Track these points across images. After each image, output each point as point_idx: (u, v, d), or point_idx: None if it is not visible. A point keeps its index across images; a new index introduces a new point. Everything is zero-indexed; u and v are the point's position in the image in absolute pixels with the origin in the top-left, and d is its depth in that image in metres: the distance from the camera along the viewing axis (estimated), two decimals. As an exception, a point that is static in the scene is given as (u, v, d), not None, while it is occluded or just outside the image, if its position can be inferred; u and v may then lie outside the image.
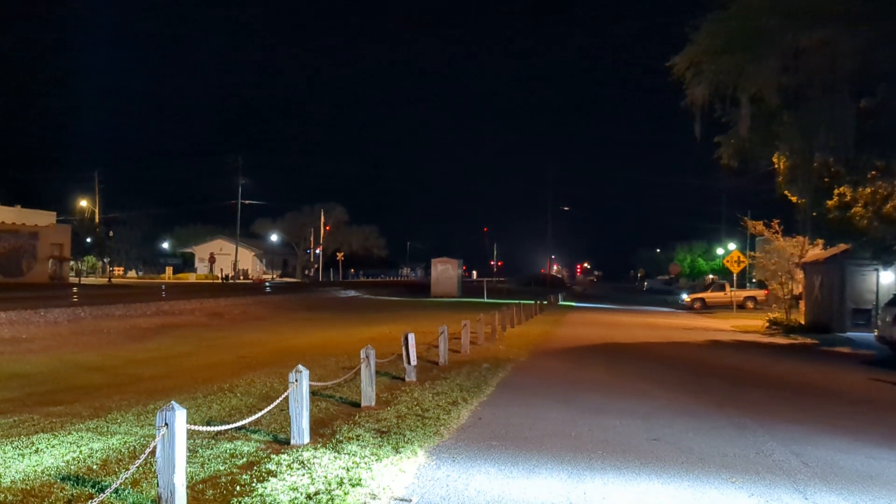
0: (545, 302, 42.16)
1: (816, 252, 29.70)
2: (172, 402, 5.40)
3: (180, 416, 5.27)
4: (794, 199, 24.04)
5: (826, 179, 21.98)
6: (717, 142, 22.10)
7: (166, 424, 5.23)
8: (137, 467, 6.04)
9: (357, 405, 9.69)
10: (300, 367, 7.47)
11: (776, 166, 23.29)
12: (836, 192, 22.19)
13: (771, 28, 18.64)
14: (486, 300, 48.82)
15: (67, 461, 6.80)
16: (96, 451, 7.14)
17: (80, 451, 7.14)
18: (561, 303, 49.19)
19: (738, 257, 39.27)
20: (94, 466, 6.62)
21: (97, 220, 73.53)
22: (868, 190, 21.29)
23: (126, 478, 5.64)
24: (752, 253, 37.84)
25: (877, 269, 25.55)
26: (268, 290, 53.75)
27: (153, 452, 5.30)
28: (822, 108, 18.81)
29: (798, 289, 31.60)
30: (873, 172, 20.52)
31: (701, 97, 20.11)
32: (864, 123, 18.67)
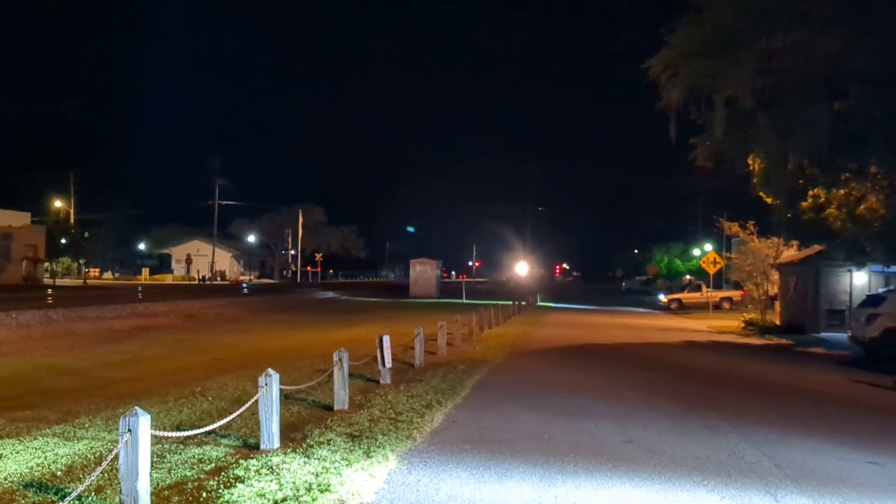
0: (524, 303, 42.22)
1: (791, 253, 29.95)
2: (136, 407, 5.30)
3: (144, 421, 5.18)
4: (769, 200, 24.20)
5: (800, 181, 22.13)
6: (692, 143, 22.21)
7: (130, 430, 5.14)
8: (102, 473, 5.95)
9: (330, 409, 9.60)
10: (270, 370, 7.38)
11: (751, 168, 23.41)
12: (810, 193, 22.36)
13: (745, 31, 18.77)
14: (464, 301, 48.78)
15: (31, 467, 6.67)
16: (61, 457, 7.02)
17: (45, 457, 7.01)
18: (540, 303, 49.28)
19: (715, 258, 39.50)
20: (59, 473, 6.50)
21: (72, 221, 72.80)
22: (842, 192, 21.47)
23: (89, 484, 5.53)
24: (728, 254, 38.13)
25: (850, 270, 25.79)
26: (245, 291, 53.47)
27: (116, 458, 5.21)
28: (796, 111, 18.93)
29: (773, 289, 31.85)
30: (847, 174, 20.70)
31: (676, 99, 20.21)
32: (837, 126, 18.80)
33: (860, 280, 25.93)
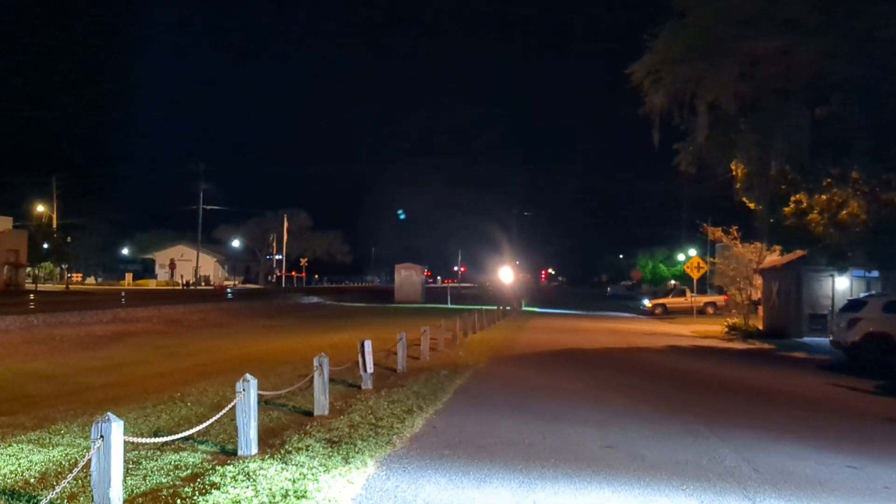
0: (508, 308, 42.24)
1: (774, 258, 30.10)
2: (108, 413, 5.24)
3: (116, 427, 5.11)
4: (751, 205, 24.35)
5: (783, 186, 22.29)
6: (675, 149, 22.30)
7: (102, 436, 5.07)
8: (74, 480, 5.89)
9: (310, 414, 9.54)
10: (248, 375, 7.31)
11: (734, 173, 23.56)
12: (792, 199, 22.51)
13: (728, 37, 18.88)
14: (449, 306, 48.75)
15: (4, 475, 6.57)
16: (35, 464, 6.93)
17: (19, 464, 6.92)
18: (525, 308, 49.32)
19: (699, 263, 39.66)
20: (32, 480, 6.41)
21: (55, 226, 72.13)
22: (823, 197, 21.63)
23: (60, 491, 5.46)
24: (712, 259, 38.27)
25: (832, 275, 25.92)
26: (229, 296, 53.22)
27: (89, 465, 5.14)
28: (778, 116, 19.08)
29: (756, 294, 32.00)
30: (828, 180, 20.85)
31: (659, 105, 20.32)
32: (818, 132, 18.95)
33: (842, 285, 26.08)
